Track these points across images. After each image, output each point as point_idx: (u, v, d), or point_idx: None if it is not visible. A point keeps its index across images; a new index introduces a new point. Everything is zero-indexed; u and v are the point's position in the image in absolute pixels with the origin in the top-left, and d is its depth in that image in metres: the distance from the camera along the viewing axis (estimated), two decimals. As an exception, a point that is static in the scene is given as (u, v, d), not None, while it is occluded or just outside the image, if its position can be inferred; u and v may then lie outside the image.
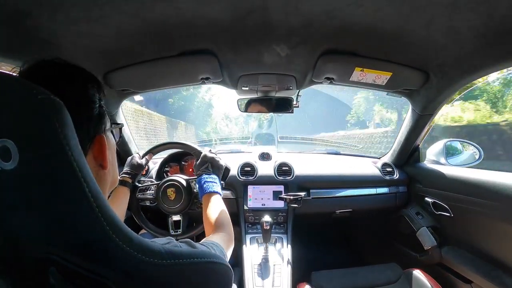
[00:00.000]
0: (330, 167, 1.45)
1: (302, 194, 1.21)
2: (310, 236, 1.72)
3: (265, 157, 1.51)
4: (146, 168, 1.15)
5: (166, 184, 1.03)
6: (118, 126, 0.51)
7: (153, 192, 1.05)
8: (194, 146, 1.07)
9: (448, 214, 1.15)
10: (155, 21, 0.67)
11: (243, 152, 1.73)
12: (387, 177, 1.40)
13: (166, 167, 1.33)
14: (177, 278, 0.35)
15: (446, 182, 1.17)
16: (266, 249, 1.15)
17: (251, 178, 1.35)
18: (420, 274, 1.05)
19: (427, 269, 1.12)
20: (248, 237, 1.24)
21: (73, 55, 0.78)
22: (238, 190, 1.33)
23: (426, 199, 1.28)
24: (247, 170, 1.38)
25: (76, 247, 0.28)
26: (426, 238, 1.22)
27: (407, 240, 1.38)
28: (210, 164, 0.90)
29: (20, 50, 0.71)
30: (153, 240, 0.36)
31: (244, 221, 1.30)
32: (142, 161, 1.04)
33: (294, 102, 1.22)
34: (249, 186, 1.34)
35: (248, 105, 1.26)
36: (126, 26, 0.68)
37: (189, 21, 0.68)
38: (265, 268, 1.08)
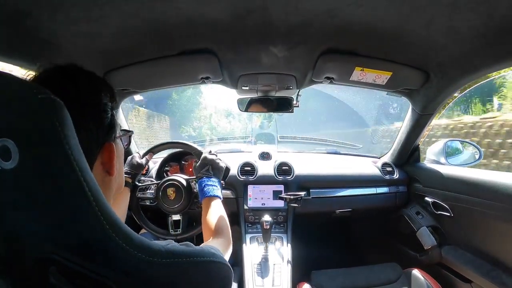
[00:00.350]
0: (330, 167, 1.45)
1: (302, 193, 1.21)
2: (310, 235, 1.72)
3: (265, 156, 1.51)
4: (146, 167, 1.15)
5: (166, 183, 1.04)
6: (127, 134, 0.51)
7: (153, 191, 1.06)
8: (195, 146, 1.07)
9: (448, 214, 1.15)
10: (155, 20, 0.67)
11: (243, 151, 1.73)
12: (387, 176, 1.40)
13: (166, 167, 1.33)
14: (177, 277, 0.36)
15: (446, 182, 1.17)
16: (266, 248, 1.15)
17: (251, 178, 1.35)
18: (420, 274, 1.05)
19: (427, 268, 1.12)
20: (248, 236, 1.25)
21: (73, 55, 0.78)
22: (238, 189, 1.33)
23: (426, 199, 1.28)
24: (247, 169, 1.38)
25: (76, 247, 0.29)
26: (426, 237, 1.21)
27: (407, 239, 1.38)
28: (211, 166, 0.89)
29: (20, 50, 0.71)
30: (154, 240, 0.36)
31: (244, 220, 1.30)
32: (142, 160, 1.04)
33: (294, 102, 1.22)
34: (249, 186, 1.34)
35: (248, 104, 1.26)
36: (126, 25, 0.68)
37: (189, 20, 0.68)
38: (265, 267, 1.08)
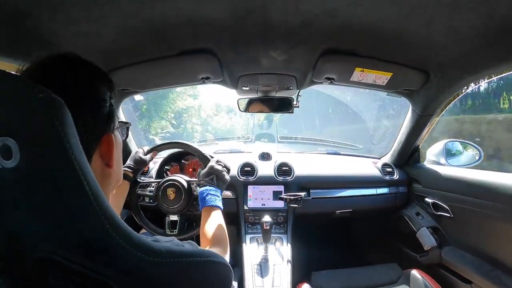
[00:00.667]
0: (330, 167, 1.45)
1: (302, 194, 1.21)
2: (310, 236, 1.72)
3: (265, 157, 1.51)
4: (149, 164, 1.14)
5: (166, 183, 1.03)
6: (125, 126, 0.51)
7: (153, 189, 1.05)
8: (200, 149, 1.06)
9: (448, 215, 1.15)
10: (155, 20, 0.67)
11: (243, 152, 1.73)
12: (387, 177, 1.40)
13: (166, 167, 1.33)
14: (177, 276, 0.35)
15: (446, 183, 1.17)
16: (266, 249, 1.15)
17: (251, 178, 1.35)
18: (420, 275, 1.05)
19: (427, 269, 1.12)
20: (248, 237, 1.24)
21: None
22: (238, 190, 1.33)
23: (426, 200, 1.27)
24: (247, 170, 1.38)
25: (76, 246, 0.29)
26: (426, 238, 1.21)
27: (407, 240, 1.38)
28: (216, 176, 0.87)
29: (20, 50, 0.71)
30: (155, 238, 0.36)
31: (244, 221, 1.30)
32: (146, 157, 1.04)
33: (294, 102, 1.22)
34: (249, 186, 1.34)
35: (248, 105, 1.26)
36: (126, 25, 0.68)
37: (189, 20, 0.68)
38: (265, 268, 1.08)
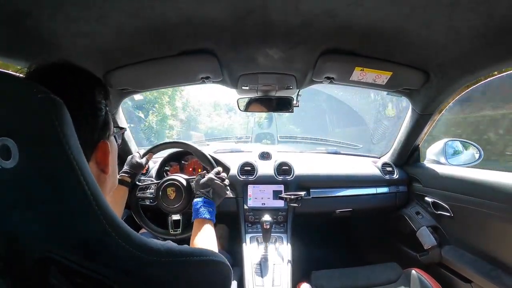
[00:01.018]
0: (330, 167, 1.45)
1: (302, 193, 1.21)
2: (310, 235, 1.72)
3: (265, 156, 1.51)
4: (146, 167, 1.15)
5: (166, 183, 1.03)
6: (121, 131, 0.51)
7: (153, 191, 1.05)
8: (196, 146, 1.07)
9: (448, 214, 1.15)
10: (155, 20, 0.67)
11: (243, 151, 1.73)
12: (387, 176, 1.40)
13: (166, 167, 1.33)
14: (177, 275, 0.36)
15: (446, 182, 1.17)
16: (266, 248, 1.15)
17: (251, 178, 1.35)
18: (420, 274, 1.05)
19: (427, 268, 1.13)
20: (248, 236, 1.25)
21: (73, 55, 0.78)
22: (238, 189, 1.34)
23: (426, 199, 1.28)
24: (247, 169, 1.38)
25: (76, 246, 0.29)
26: (426, 237, 1.22)
27: (407, 239, 1.38)
28: (213, 190, 0.86)
29: (20, 50, 0.71)
30: (154, 239, 0.36)
31: (244, 220, 1.30)
32: (142, 160, 1.04)
33: (294, 102, 1.22)
34: (249, 186, 1.34)
35: (248, 104, 1.26)
36: (126, 25, 0.68)
37: (189, 20, 0.68)
38: (265, 267, 1.08)
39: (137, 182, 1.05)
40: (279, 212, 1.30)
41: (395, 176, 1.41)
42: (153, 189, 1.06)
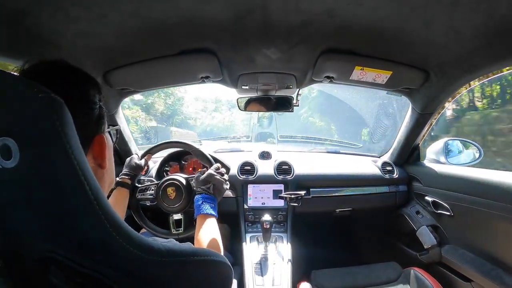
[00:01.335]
0: (330, 166, 1.45)
1: (302, 193, 1.21)
2: (310, 235, 1.72)
3: (265, 156, 1.51)
4: (145, 168, 1.15)
5: (166, 183, 1.03)
6: (115, 128, 0.52)
7: (152, 192, 1.05)
8: (195, 145, 1.07)
9: (448, 213, 1.15)
10: (155, 20, 0.67)
11: (243, 151, 1.73)
12: (387, 176, 1.40)
13: (166, 166, 1.33)
14: (177, 275, 0.36)
15: (446, 181, 1.17)
16: (266, 248, 1.15)
17: (251, 177, 1.35)
18: (420, 273, 1.05)
19: (427, 268, 1.13)
20: (248, 236, 1.25)
21: (73, 54, 0.78)
22: (238, 189, 1.34)
23: (426, 198, 1.28)
24: (247, 169, 1.38)
25: (76, 246, 0.29)
26: (426, 237, 1.22)
27: (407, 239, 1.38)
28: (213, 186, 0.86)
29: (20, 50, 0.71)
30: (154, 238, 0.36)
31: (244, 220, 1.30)
32: (141, 162, 1.04)
33: (294, 101, 1.22)
34: (249, 185, 1.34)
35: (248, 103, 1.26)
36: (126, 25, 0.68)
37: (189, 20, 0.68)
38: (265, 266, 1.08)
39: (136, 184, 1.05)
40: (279, 211, 1.30)
41: (395, 175, 1.41)
42: (153, 190, 1.06)
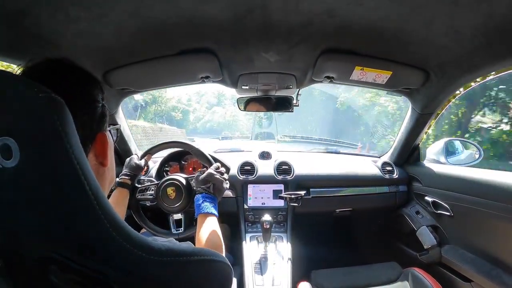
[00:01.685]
0: (330, 166, 1.45)
1: (302, 193, 1.22)
2: (310, 235, 1.72)
3: (265, 156, 1.51)
4: (145, 168, 1.15)
5: (166, 183, 1.03)
6: (115, 127, 0.53)
7: (152, 192, 1.05)
8: (194, 145, 1.07)
9: (448, 213, 1.15)
10: (155, 20, 0.67)
11: (243, 151, 1.73)
12: (387, 176, 1.40)
13: (166, 166, 1.33)
14: (177, 275, 0.36)
15: (446, 181, 1.17)
16: (266, 247, 1.15)
17: (251, 177, 1.35)
18: (419, 273, 1.05)
19: (427, 268, 1.13)
20: (248, 235, 1.25)
21: (73, 54, 0.78)
22: (238, 189, 1.34)
23: (426, 198, 1.28)
24: (247, 169, 1.38)
25: (76, 245, 0.29)
26: (426, 237, 1.22)
27: (407, 239, 1.38)
28: (213, 185, 0.86)
29: (20, 50, 0.71)
30: (154, 238, 0.36)
31: (244, 220, 1.30)
32: (141, 162, 1.04)
33: (294, 101, 1.22)
34: (249, 185, 1.34)
35: (248, 103, 1.26)
36: (126, 25, 0.68)
37: (189, 20, 0.68)
38: (265, 266, 1.08)
39: (136, 184, 1.05)
40: (279, 211, 1.30)
41: (395, 175, 1.41)
42: (153, 190, 1.06)
